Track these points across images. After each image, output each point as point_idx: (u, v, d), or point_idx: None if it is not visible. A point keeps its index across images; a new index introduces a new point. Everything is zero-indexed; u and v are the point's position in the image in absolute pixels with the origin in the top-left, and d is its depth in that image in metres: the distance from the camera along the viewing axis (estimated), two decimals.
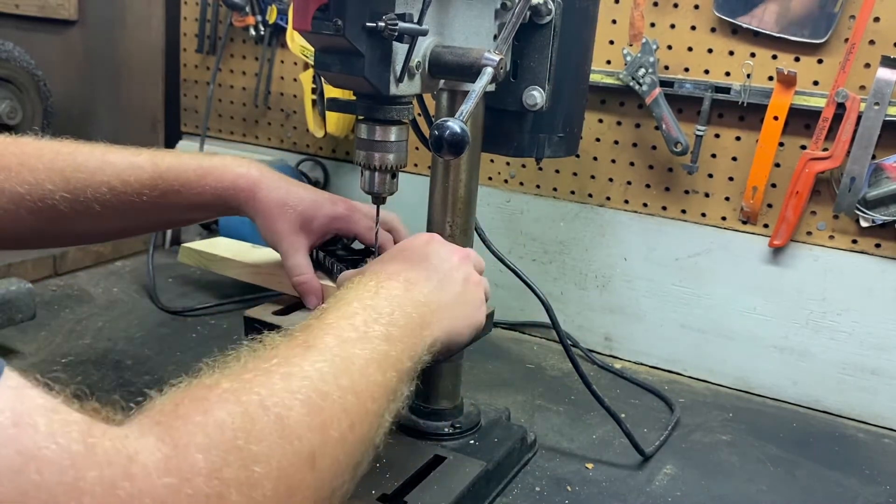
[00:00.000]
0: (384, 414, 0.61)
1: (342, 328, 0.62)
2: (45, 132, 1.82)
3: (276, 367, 0.54)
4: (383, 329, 0.64)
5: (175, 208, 0.93)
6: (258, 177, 0.93)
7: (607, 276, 1.47)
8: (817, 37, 1.22)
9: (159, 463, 0.43)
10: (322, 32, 0.74)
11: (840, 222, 1.27)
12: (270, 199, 0.92)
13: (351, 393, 0.57)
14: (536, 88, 0.92)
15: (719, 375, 1.40)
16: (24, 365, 1.22)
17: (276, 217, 0.92)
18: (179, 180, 0.91)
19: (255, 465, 0.47)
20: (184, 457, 0.44)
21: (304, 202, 0.93)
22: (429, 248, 0.80)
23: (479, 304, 0.80)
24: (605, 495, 1.02)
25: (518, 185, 1.52)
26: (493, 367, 1.37)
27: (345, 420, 0.55)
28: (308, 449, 0.51)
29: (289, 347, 0.58)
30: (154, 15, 1.85)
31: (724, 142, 1.33)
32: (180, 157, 0.93)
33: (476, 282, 0.81)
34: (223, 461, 0.46)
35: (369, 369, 0.60)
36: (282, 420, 0.50)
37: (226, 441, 0.47)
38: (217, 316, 1.49)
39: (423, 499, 0.87)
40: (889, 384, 1.27)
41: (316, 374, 0.55)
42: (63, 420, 0.41)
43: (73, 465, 0.40)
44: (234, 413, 0.49)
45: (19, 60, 1.76)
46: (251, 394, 0.51)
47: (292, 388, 0.53)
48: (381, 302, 0.68)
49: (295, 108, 1.75)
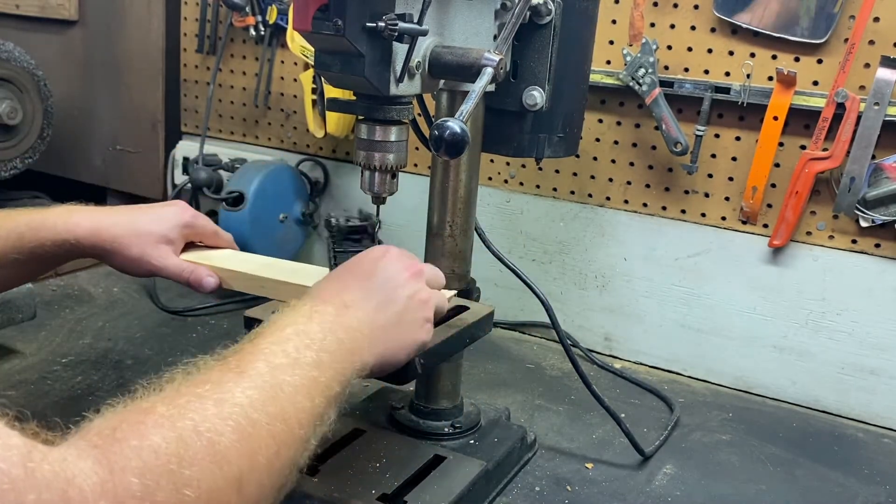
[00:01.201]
0: (310, 439, 0.63)
1: (274, 354, 0.63)
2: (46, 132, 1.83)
3: (209, 392, 0.57)
4: (314, 355, 0.66)
5: (10, 264, 0.92)
6: (94, 224, 0.93)
7: (607, 276, 1.47)
8: (817, 37, 1.22)
9: (95, 486, 0.46)
10: (322, 33, 0.74)
11: (840, 222, 1.27)
12: (115, 235, 0.93)
13: (279, 420, 0.59)
14: (536, 88, 0.92)
15: (719, 375, 1.40)
16: (24, 365, 1.22)
17: (128, 247, 0.93)
18: (13, 235, 0.90)
19: (186, 488, 0.50)
20: (119, 480, 0.47)
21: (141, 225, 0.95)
22: (378, 264, 0.79)
23: (422, 323, 0.79)
24: (604, 495, 1.02)
25: (518, 185, 1.52)
26: (493, 367, 1.37)
27: (272, 446, 0.57)
28: (236, 473, 0.53)
29: (221, 373, 0.60)
30: (154, 15, 1.85)
31: (724, 142, 1.34)
32: (14, 216, 0.93)
33: (422, 300, 0.79)
34: (156, 485, 0.48)
35: (298, 396, 0.62)
36: (213, 445, 0.53)
37: (160, 465, 0.49)
38: (217, 316, 1.49)
39: (423, 498, 0.87)
40: (888, 384, 1.27)
41: (246, 400, 0.57)
42: (4, 444, 0.44)
43: (14, 488, 0.42)
44: (168, 438, 0.51)
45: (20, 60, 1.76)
46: (185, 419, 0.53)
47: (223, 415, 0.55)
48: (314, 327, 0.69)
49: (295, 108, 1.75)
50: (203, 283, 0.96)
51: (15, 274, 0.95)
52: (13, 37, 1.82)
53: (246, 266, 0.99)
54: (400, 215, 1.55)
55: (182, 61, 1.87)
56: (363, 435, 0.99)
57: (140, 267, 0.95)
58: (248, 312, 0.92)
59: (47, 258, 0.92)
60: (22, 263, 0.91)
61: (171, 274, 0.96)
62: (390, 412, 1.06)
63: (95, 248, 0.92)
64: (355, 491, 0.87)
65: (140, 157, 1.96)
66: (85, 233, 0.91)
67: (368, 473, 0.91)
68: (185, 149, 1.85)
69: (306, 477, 0.88)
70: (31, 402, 1.12)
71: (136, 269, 0.95)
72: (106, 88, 1.96)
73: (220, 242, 1.04)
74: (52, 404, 1.12)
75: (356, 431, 1.00)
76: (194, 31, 1.82)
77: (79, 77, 1.99)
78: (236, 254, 1.05)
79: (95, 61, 1.96)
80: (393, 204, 0.93)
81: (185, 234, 0.99)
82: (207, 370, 0.60)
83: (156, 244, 0.95)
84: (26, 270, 0.95)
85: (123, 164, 1.99)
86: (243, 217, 1.56)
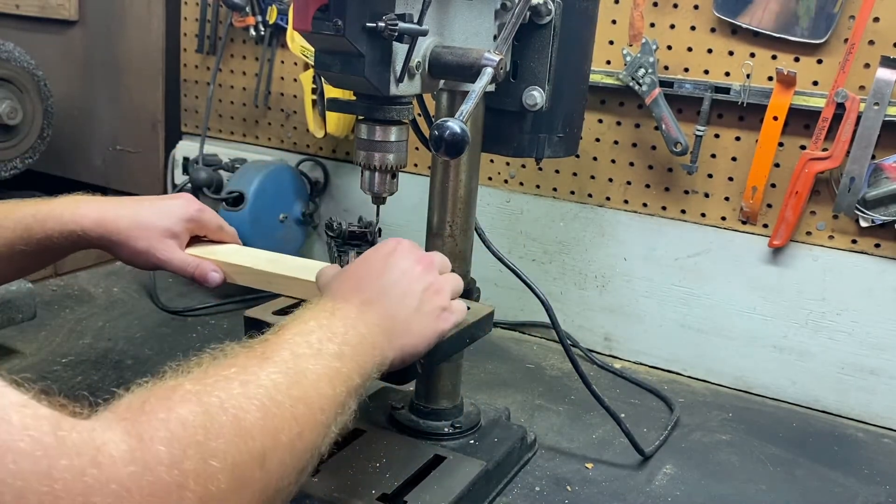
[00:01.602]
0: (331, 425, 0.64)
1: (298, 344, 0.66)
2: (46, 132, 1.83)
3: (235, 374, 0.59)
4: (336, 347, 0.68)
5: (17, 256, 0.92)
6: (100, 216, 0.94)
7: (607, 276, 1.47)
8: (817, 37, 1.23)
9: (125, 454, 0.47)
10: (322, 33, 0.74)
11: (839, 222, 1.27)
12: (120, 228, 0.94)
13: (302, 403, 0.61)
14: (536, 88, 0.92)
15: (719, 375, 1.40)
16: (24, 365, 1.22)
17: (134, 239, 0.94)
18: (20, 226, 0.90)
19: (212, 459, 0.51)
20: (147, 448, 0.48)
21: (149, 216, 0.96)
22: (390, 259, 0.80)
23: (438, 313, 0.80)
24: (604, 495, 1.02)
25: (518, 185, 1.52)
26: (492, 367, 1.37)
27: (295, 427, 0.59)
28: (259, 449, 0.55)
29: (247, 358, 0.62)
30: (154, 15, 1.85)
31: (724, 142, 1.34)
32: (21, 207, 0.93)
33: (437, 290, 0.81)
34: (184, 454, 0.50)
35: (320, 383, 0.64)
36: (238, 421, 0.55)
37: (187, 436, 0.51)
38: (217, 316, 1.49)
39: (423, 498, 0.87)
40: (888, 384, 1.27)
41: (271, 383, 0.59)
42: (34, 415, 0.45)
43: (46, 455, 0.43)
44: (195, 412, 0.53)
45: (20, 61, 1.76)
46: (211, 396, 0.55)
47: (249, 394, 0.57)
48: (337, 322, 0.71)
49: (295, 108, 1.75)
50: (208, 277, 0.96)
51: (21, 265, 0.95)
52: (13, 37, 1.82)
53: (252, 261, 0.99)
54: (400, 215, 1.55)
55: (182, 61, 1.87)
56: (363, 435, 0.99)
57: (146, 260, 0.95)
58: (248, 312, 0.92)
59: (54, 249, 0.93)
60: (28, 255, 0.92)
61: (176, 268, 0.96)
62: (390, 412, 1.06)
63: (102, 240, 0.93)
64: (355, 491, 0.87)
65: (140, 157, 1.96)
66: (91, 224, 0.92)
67: (368, 473, 0.91)
68: (185, 149, 1.85)
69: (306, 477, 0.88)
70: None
71: (141, 261, 0.95)
72: (106, 88, 1.96)
73: (224, 237, 1.04)
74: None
75: (356, 431, 1.00)
76: (194, 31, 1.82)
77: (79, 77, 1.99)
78: (241, 249, 1.05)
79: (95, 61, 1.96)
80: (393, 204, 0.93)
81: (189, 228, 0.99)
82: (234, 355, 0.62)
83: (161, 238, 0.95)
84: (33, 262, 0.96)
85: (123, 164, 1.99)
86: (243, 217, 1.56)
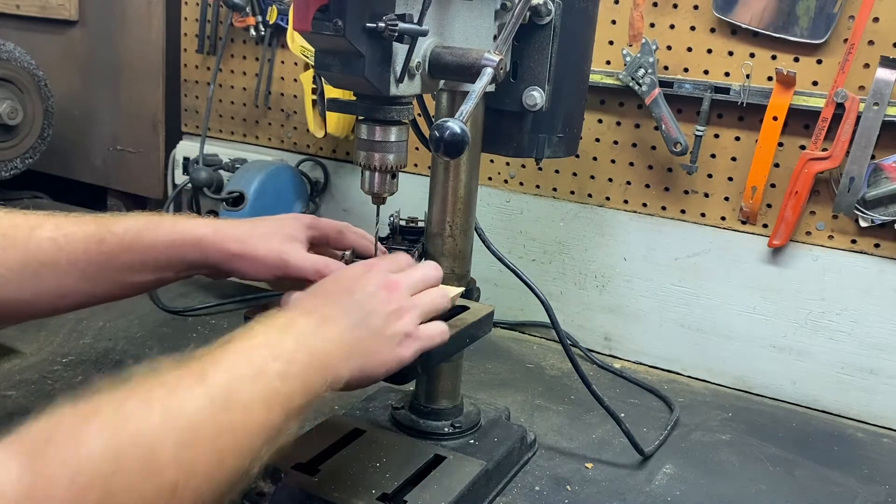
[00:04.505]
0: (261, 450, 0.63)
1: (237, 364, 0.64)
2: (46, 132, 1.83)
3: (160, 398, 0.57)
4: (281, 366, 0.66)
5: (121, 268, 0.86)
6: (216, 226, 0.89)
7: (607, 276, 1.47)
8: (816, 37, 1.23)
9: (19, 492, 0.46)
10: (322, 33, 0.74)
11: (839, 222, 1.28)
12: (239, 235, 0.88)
13: (227, 432, 0.59)
14: (536, 89, 0.92)
15: (718, 375, 1.40)
16: (24, 365, 1.23)
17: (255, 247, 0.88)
18: (129, 234, 0.85)
19: (116, 495, 0.51)
20: (47, 486, 0.48)
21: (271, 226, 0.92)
22: (359, 281, 0.79)
23: (401, 339, 0.77)
24: (604, 495, 1.02)
25: (518, 185, 1.53)
26: (492, 367, 1.37)
27: (214, 456, 0.58)
28: (171, 482, 0.54)
29: (180, 378, 0.60)
30: (154, 15, 1.85)
31: (724, 142, 1.34)
32: (132, 217, 0.88)
33: (402, 314, 0.78)
34: (85, 491, 0.49)
35: (253, 408, 0.62)
36: (151, 454, 0.54)
37: (92, 472, 0.50)
38: (217, 316, 1.49)
39: (423, 498, 0.87)
40: (888, 384, 1.27)
41: (195, 410, 0.58)
42: None
43: None
44: (105, 446, 0.52)
45: (20, 61, 1.76)
46: (126, 427, 0.54)
47: (167, 425, 0.56)
48: (287, 338, 0.69)
49: (295, 108, 1.75)
50: None
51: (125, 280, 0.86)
52: (14, 37, 1.82)
53: None
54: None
55: (182, 61, 1.87)
56: (363, 435, 0.99)
57: (273, 265, 0.87)
58: (248, 312, 0.92)
59: (160, 263, 0.86)
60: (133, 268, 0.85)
61: (307, 269, 0.87)
62: (390, 412, 1.06)
63: (220, 251, 0.86)
64: (355, 491, 0.87)
65: (140, 157, 1.96)
66: (209, 231, 0.86)
67: (368, 473, 0.91)
68: (186, 149, 1.85)
69: (306, 477, 0.88)
70: (32, 402, 1.12)
71: (263, 268, 0.87)
72: (106, 88, 1.97)
73: (346, 241, 0.96)
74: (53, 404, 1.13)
75: (356, 431, 1.00)
76: (194, 31, 1.82)
77: (79, 77, 1.99)
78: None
79: (96, 61, 1.96)
80: (393, 204, 0.93)
81: (310, 236, 0.93)
82: (167, 372, 0.60)
83: (285, 241, 0.89)
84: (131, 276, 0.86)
85: (124, 164, 1.99)
86: (243, 217, 1.55)
